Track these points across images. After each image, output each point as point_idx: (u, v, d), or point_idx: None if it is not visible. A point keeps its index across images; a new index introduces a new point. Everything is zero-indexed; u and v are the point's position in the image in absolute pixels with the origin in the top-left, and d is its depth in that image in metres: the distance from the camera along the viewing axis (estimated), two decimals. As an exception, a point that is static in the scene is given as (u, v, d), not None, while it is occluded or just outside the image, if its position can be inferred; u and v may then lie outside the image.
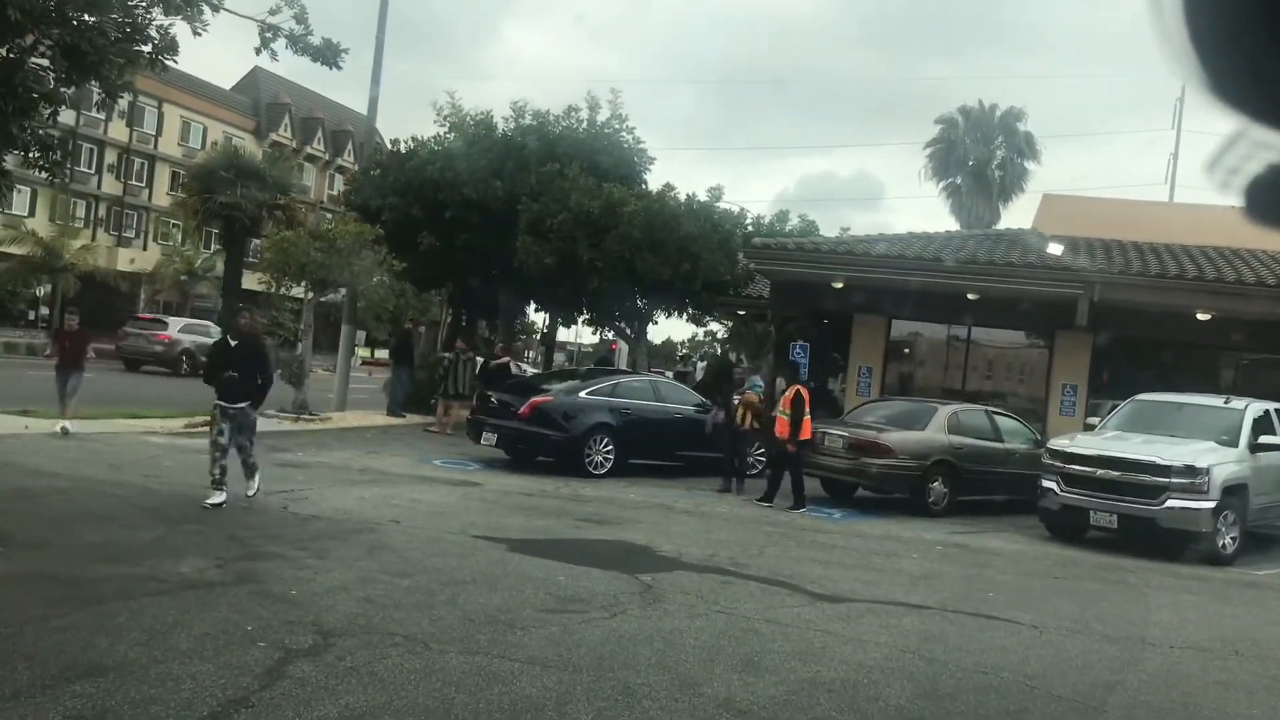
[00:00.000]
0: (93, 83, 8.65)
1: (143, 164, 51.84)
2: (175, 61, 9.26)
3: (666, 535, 10.51)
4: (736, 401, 14.80)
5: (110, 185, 50.34)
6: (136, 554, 7.42)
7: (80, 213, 48.49)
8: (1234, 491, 12.07)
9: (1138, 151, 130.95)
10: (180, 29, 8.83)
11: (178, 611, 5.99)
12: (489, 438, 15.31)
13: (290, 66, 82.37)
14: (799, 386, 13.73)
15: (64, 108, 8.86)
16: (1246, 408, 12.93)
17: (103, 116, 47.76)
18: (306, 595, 6.68)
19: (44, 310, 42.75)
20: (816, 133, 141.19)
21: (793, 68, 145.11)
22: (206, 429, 16.06)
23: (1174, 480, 11.74)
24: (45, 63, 8.16)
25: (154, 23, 8.67)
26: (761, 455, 16.79)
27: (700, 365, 31.08)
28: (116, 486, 10.25)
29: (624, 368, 25.36)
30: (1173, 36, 1.00)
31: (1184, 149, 43.46)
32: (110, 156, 50.03)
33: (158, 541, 7.91)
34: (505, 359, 21.27)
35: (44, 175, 8.90)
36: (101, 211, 50.40)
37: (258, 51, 8.91)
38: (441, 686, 5.18)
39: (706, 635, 6.66)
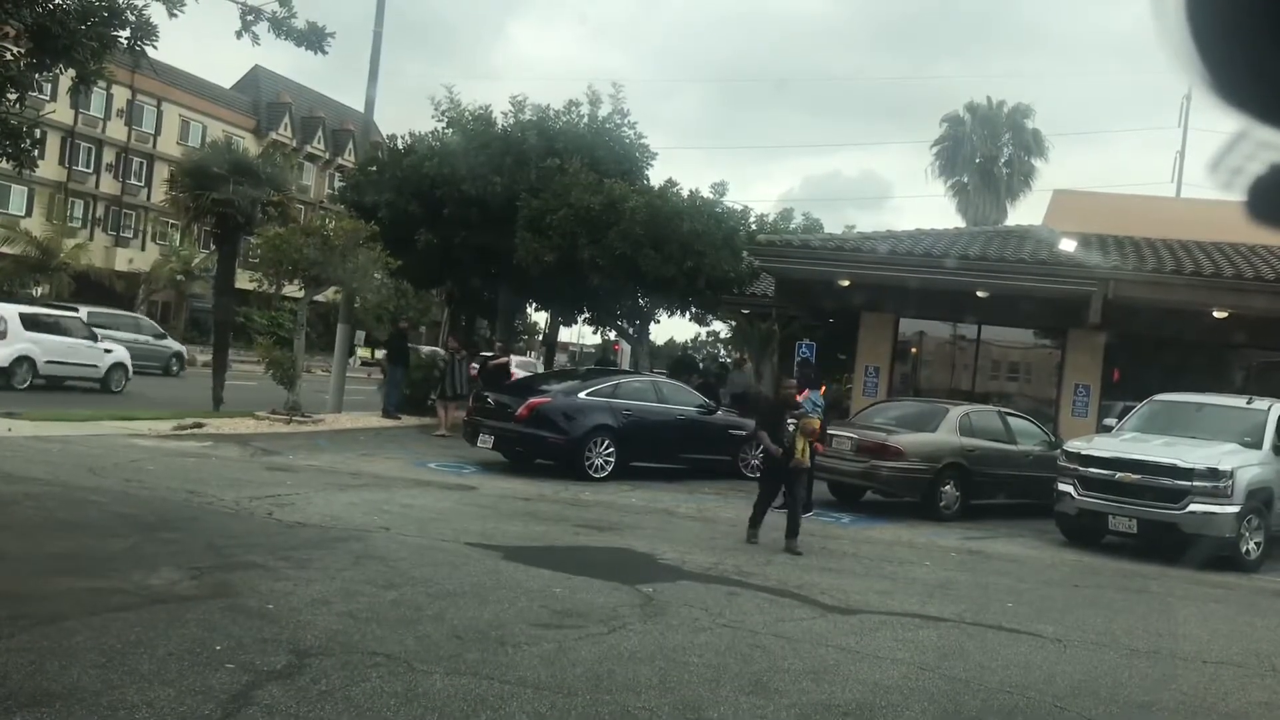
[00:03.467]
0: (65, 68, 8.23)
1: (141, 163, 51.46)
2: (155, 47, 8.82)
3: (669, 542, 10.08)
4: (792, 428, 10.52)
5: (108, 185, 49.96)
6: (105, 565, 6.98)
7: (78, 212, 48.11)
8: (1258, 495, 11.64)
9: (1144, 149, 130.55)
10: (157, 12, 8.40)
11: (142, 629, 5.55)
12: (486, 440, 14.89)
13: (290, 65, 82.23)
14: (821, 386, 13.53)
15: (32, 93, 8.43)
16: (1270, 408, 12.48)
17: (101, 115, 47.56)
18: (284, 610, 6.25)
19: (41, 311, 42.32)
20: (822, 132, 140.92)
21: (799, 68, 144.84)
22: (195, 431, 15.76)
23: (1196, 484, 11.32)
24: (12, 46, 7.74)
25: (129, 5, 8.23)
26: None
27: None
28: (94, 491, 9.81)
29: (625, 368, 24.96)
30: (1175, 37, 1.00)
31: (1190, 147, 42.83)
32: (109, 156, 49.66)
33: (130, 551, 7.47)
34: (505, 359, 20.85)
35: (11, 165, 8.50)
36: (99, 211, 50.03)
37: (238, 35, 8.48)
38: (423, 713, 4.75)
39: (711, 652, 6.22)
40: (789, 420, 10.59)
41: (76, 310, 24.42)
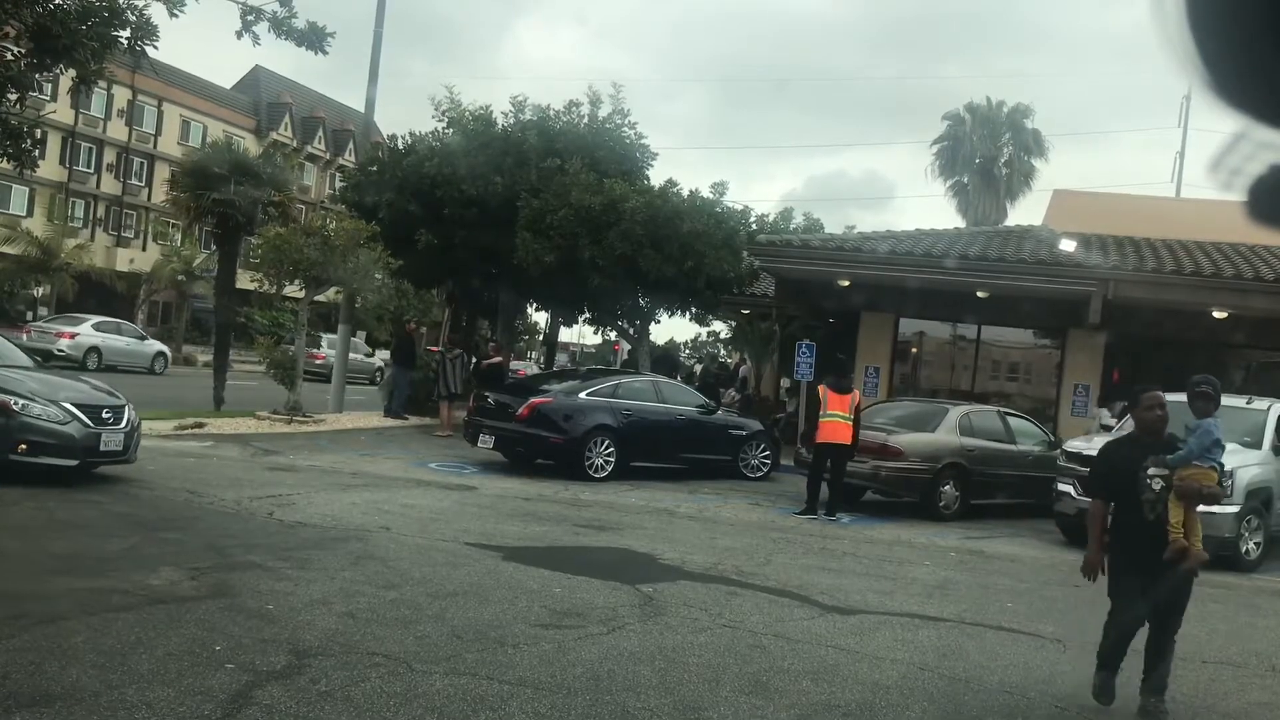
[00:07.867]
0: (66, 68, 8.24)
1: (142, 163, 51.49)
2: (155, 47, 8.84)
3: (669, 542, 10.09)
4: (1158, 486, 5.64)
5: (109, 185, 49.98)
6: (104, 565, 6.98)
7: (79, 212, 48.12)
8: (1258, 495, 11.63)
9: (1144, 149, 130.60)
10: (157, 12, 8.41)
11: (141, 629, 5.56)
12: (486, 440, 14.89)
13: (291, 65, 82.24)
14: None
15: (32, 93, 8.44)
16: (1270, 408, 12.48)
17: (102, 115, 47.59)
18: (284, 610, 6.25)
19: (43, 311, 42.36)
20: (823, 133, 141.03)
21: (800, 68, 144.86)
22: (196, 431, 15.77)
23: (1196, 484, 11.29)
24: (13, 46, 7.75)
25: (130, 5, 8.24)
26: (766, 458, 16.37)
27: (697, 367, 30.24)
28: (94, 491, 9.81)
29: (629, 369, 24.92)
30: (1175, 38, 1.00)
31: (1190, 148, 42.86)
32: (109, 156, 49.67)
33: (129, 551, 7.48)
34: (498, 358, 20.85)
35: (12, 165, 8.51)
36: (100, 211, 50.05)
37: (239, 35, 8.49)
38: (422, 713, 4.75)
39: (711, 652, 6.23)
40: (1151, 472, 5.65)
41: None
